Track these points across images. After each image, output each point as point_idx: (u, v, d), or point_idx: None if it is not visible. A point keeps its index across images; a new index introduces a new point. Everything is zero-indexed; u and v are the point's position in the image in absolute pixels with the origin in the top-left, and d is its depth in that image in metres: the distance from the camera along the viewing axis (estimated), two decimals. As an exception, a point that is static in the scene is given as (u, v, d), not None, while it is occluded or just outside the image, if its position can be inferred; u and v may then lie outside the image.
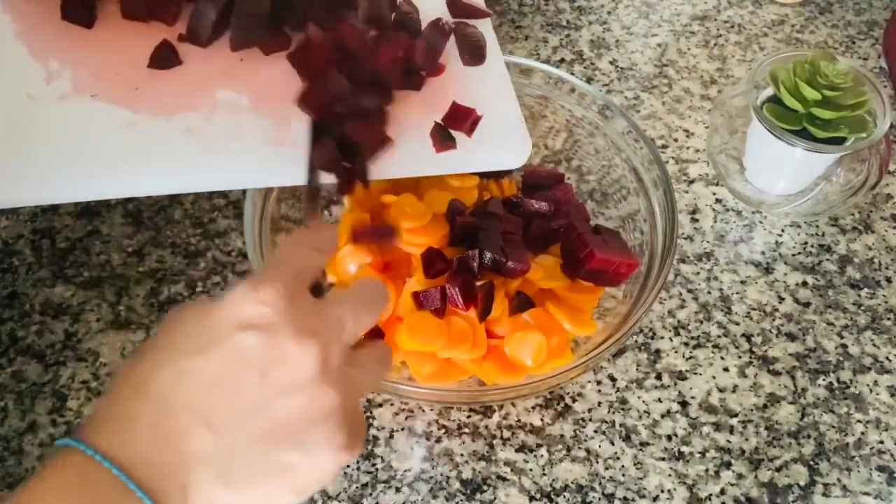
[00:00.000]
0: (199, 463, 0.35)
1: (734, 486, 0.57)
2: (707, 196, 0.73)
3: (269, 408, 0.36)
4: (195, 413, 0.36)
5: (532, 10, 0.88)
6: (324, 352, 0.37)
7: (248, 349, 0.36)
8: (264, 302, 0.37)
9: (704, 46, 0.85)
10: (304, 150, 0.50)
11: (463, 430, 0.59)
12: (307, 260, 0.41)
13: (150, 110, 0.54)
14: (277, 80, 0.57)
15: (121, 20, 0.58)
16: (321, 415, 0.37)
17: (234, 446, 0.36)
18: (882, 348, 0.64)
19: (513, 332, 0.58)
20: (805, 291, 0.67)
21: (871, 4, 0.90)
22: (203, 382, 0.36)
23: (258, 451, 0.36)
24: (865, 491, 0.57)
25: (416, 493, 0.56)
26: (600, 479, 0.57)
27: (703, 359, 0.63)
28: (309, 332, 0.37)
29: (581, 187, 0.69)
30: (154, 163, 0.51)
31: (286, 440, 0.36)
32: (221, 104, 0.55)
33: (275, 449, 0.36)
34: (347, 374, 0.38)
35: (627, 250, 0.61)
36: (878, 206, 0.73)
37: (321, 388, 0.37)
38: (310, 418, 0.37)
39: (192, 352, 0.37)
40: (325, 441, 0.37)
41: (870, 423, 0.60)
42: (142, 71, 0.56)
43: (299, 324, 0.37)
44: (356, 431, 0.39)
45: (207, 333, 0.37)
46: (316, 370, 0.37)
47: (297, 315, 0.37)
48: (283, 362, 0.36)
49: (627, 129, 0.65)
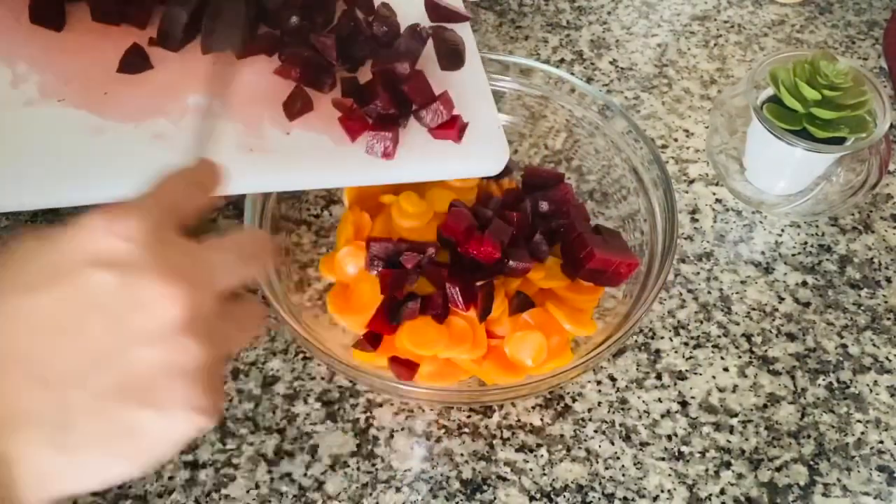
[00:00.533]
0: (25, 423, 0.30)
1: (734, 486, 0.57)
2: (707, 196, 0.73)
3: (119, 359, 0.31)
4: (24, 362, 0.30)
5: (532, 10, 0.88)
6: (191, 299, 0.32)
7: (99, 289, 0.31)
8: (123, 235, 0.32)
9: (704, 46, 0.85)
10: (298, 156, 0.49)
11: (463, 430, 0.59)
12: (186, 195, 0.36)
13: (118, 116, 0.53)
14: (251, 85, 0.56)
15: (91, 23, 0.57)
16: (180, 369, 0.32)
17: (72, 404, 0.30)
18: (882, 348, 0.64)
19: (513, 332, 0.58)
20: (805, 291, 0.67)
21: (871, 4, 0.90)
22: (37, 326, 0.31)
23: (101, 409, 0.31)
24: (865, 491, 0.57)
25: (416, 493, 0.56)
26: (600, 479, 0.57)
27: (703, 359, 0.63)
28: (174, 275, 0.32)
29: (581, 187, 0.69)
30: (122, 169, 0.50)
31: (136, 397, 0.31)
32: (192, 109, 0.54)
33: (122, 406, 0.31)
34: (215, 328, 0.33)
35: (627, 250, 0.61)
36: (878, 206, 0.73)
37: (183, 339, 0.32)
38: (167, 372, 0.31)
39: (26, 288, 0.31)
40: (181, 399, 0.32)
41: (870, 423, 0.61)
42: (111, 76, 0.55)
43: (164, 264, 0.32)
44: (215, 393, 0.33)
45: (48, 268, 0.31)
46: (180, 318, 0.31)
47: (164, 254, 0.32)
48: (141, 306, 0.31)
49: (627, 129, 0.65)
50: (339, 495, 0.56)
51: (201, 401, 0.32)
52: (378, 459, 0.57)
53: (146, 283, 0.31)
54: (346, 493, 0.56)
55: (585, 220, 0.64)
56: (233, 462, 0.57)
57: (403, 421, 0.59)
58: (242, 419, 0.59)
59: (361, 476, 0.57)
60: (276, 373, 0.61)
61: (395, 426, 0.59)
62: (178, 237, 0.34)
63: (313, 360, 0.62)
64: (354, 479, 0.57)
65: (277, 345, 0.62)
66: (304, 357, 0.62)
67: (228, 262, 0.35)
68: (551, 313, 0.58)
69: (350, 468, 0.57)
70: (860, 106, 0.66)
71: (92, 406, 0.31)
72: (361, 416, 0.59)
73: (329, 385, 0.61)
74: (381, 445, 0.58)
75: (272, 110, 0.56)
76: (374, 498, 0.56)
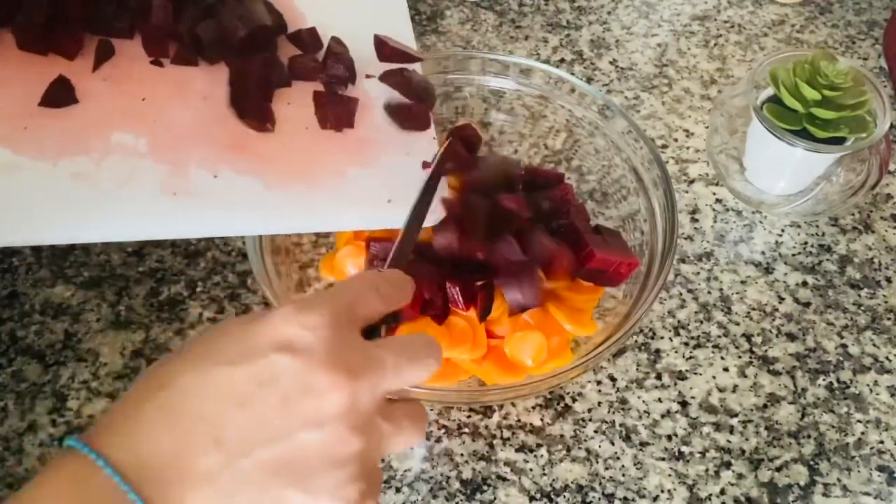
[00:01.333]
0: (201, 480, 0.34)
1: (734, 486, 0.57)
2: (707, 196, 0.73)
3: (284, 437, 0.34)
4: (208, 426, 0.34)
5: (532, 10, 0.88)
6: (356, 393, 0.35)
7: (279, 370, 0.34)
8: (307, 325, 0.35)
9: (704, 46, 0.85)
10: (225, 200, 0.48)
11: (463, 430, 0.59)
12: (366, 300, 0.39)
13: (34, 152, 0.50)
14: (181, 123, 0.53)
15: (17, 52, 0.54)
16: (337, 459, 0.35)
17: (240, 470, 0.34)
18: (882, 348, 0.64)
19: (513, 332, 0.58)
20: (805, 291, 0.67)
21: (871, 4, 0.90)
22: (224, 395, 0.34)
23: (262, 480, 0.34)
24: (865, 491, 0.57)
25: (416, 493, 0.56)
26: (600, 479, 0.57)
27: (703, 359, 0.63)
28: (345, 368, 0.35)
29: (581, 187, 0.69)
30: (35, 209, 0.48)
31: (293, 477, 0.34)
32: (116, 147, 0.51)
33: (280, 484, 0.34)
34: (376, 425, 0.36)
35: (627, 250, 0.61)
36: (878, 206, 0.73)
37: (344, 430, 0.35)
38: (324, 460, 0.34)
39: (222, 362, 0.35)
40: (333, 489, 0.35)
41: (870, 423, 0.60)
42: (33, 109, 0.52)
43: (337, 356, 0.35)
44: (370, 490, 0.36)
45: (242, 347, 0.35)
46: (343, 409, 0.35)
47: (337, 347, 0.35)
48: (311, 392, 0.34)
49: (627, 129, 0.65)
50: (339, 495, 0.56)
51: (352, 494, 0.35)
52: (378, 459, 0.57)
53: (317, 369, 0.35)
54: (346, 493, 0.56)
55: (585, 220, 0.64)
56: (233, 462, 0.57)
57: (403, 421, 0.59)
58: (242, 419, 0.59)
59: (361, 476, 0.57)
60: (276, 373, 0.61)
61: (395, 426, 0.59)
62: (355, 334, 0.37)
63: (313, 360, 0.62)
64: (354, 479, 0.57)
65: (277, 345, 0.62)
66: (304, 357, 0.62)
67: (396, 362, 0.37)
68: (551, 313, 0.58)
69: (350, 468, 0.57)
70: (860, 106, 0.66)
71: (253, 476, 0.34)
72: (361, 416, 0.59)
73: (329, 385, 0.61)
74: (381, 445, 0.58)
75: (202, 149, 0.53)
76: (374, 498, 0.56)
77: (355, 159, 0.56)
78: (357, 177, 0.55)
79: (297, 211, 0.52)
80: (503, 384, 0.57)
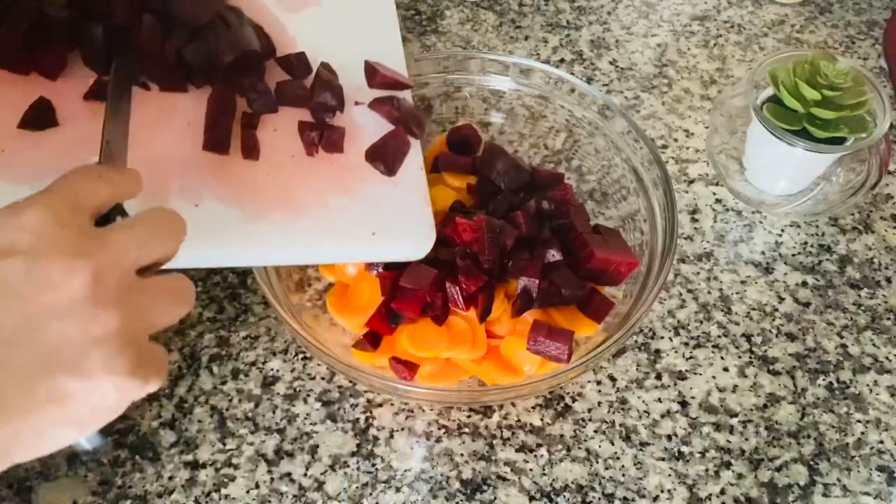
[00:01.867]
0: None
1: (734, 486, 0.57)
2: (707, 196, 0.73)
3: (37, 334, 0.34)
4: None
5: (532, 10, 0.88)
6: (96, 273, 0.35)
7: (8, 276, 0.34)
8: (25, 227, 0.35)
9: (704, 46, 0.85)
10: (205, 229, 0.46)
11: (463, 430, 0.59)
12: (89, 189, 0.39)
13: (11, 176, 0.48)
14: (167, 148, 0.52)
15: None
16: (98, 337, 0.35)
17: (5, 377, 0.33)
18: (882, 348, 0.64)
19: (513, 332, 0.58)
20: (805, 291, 0.67)
21: (871, 4, 0.90)
22: None
23: (28, 378, 0.34)
24: (865, 491, 0.57)
25: (416, 493, 0.56)
26: (600, 479, 0.57)
27: (703, 359, 0.63)
28: (78, 254, 0.35)
29: (581, 187, 0.69)
30: None
31: (59, 366, 0.34)
32: None
33: (47, 375, 0.34)
34: (131, 299, 0.36)
35: (627, 250, 0.61)
36: (878, 206, 0.73)
37: (93, 310, 0.35)
38: (85, 342, 0.35)
39: None
40: (103, 365, 0.35)
41: (870, 423, 0.61)
42: (11, 131, 0.50)
43: (67, 246, 0.35)
44: (148, 361, 0.37)
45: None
46: (85, 290, 0.35)
47: (66, 238, 0.35)
48: (49, 285, 0.34)
49: (627, 129, 0.65)
50: (339, 495, 0.56)
51: (124, 365, 0.35)
52: (378, 459, 0.57)
53: (50, 263, 0.34)
54: (346, 493, 0.56)
55: (585, 220, 0.64)
56: (233, 462, 0.57)
57: (403, 421, 0.59)
58: (242, 419, 0.59)
59: (361, 476, 0.57)
60: (276, 373, 0.61)
61: (395, 426, 0.59)
62: (84, 223, 0.37)
63: (313, 360, 0.62)
64: (354, 479, 0.57)
65: (277, 345, 0.62)
66: (304, 357, 0.62)
67: (140, 239, 0.38)
68: (551, 314, 0.58)
69: (350, 468, 0.57)
70: (860, 106, 0.66)
71: (19, 376, 0.33)
72: (361, 416, 0.59)
73: (329, 385, 0.61)
74: (381, 445, 0.58)
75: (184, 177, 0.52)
76: (374, 498, 0.56)
77: (341, 188, 0.55)
78: (342, 207, 0.54)
79: (279, 242, 0.52)
80: (503, 384, 0.57)
